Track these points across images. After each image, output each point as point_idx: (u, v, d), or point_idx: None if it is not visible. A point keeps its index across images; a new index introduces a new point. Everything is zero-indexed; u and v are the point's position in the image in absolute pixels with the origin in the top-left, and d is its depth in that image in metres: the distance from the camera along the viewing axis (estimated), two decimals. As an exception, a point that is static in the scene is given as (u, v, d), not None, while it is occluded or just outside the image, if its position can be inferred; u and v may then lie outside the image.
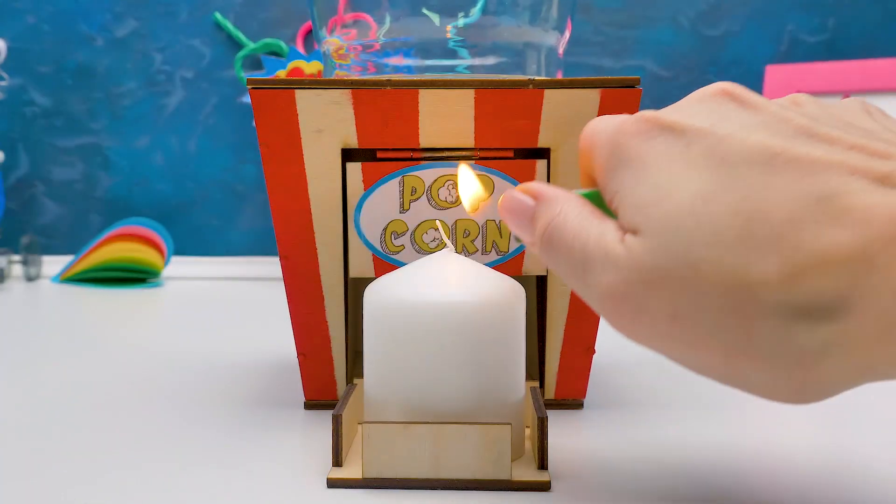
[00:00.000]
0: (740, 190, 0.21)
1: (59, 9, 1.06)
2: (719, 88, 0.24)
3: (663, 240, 0.22)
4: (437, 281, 0.30)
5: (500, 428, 0.27)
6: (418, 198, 0.36)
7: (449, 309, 0.29)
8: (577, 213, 0.25)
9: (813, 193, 0.20)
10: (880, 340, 0.19)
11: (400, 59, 0.38)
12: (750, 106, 0.23)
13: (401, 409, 0.29)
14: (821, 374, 0.20)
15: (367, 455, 0.28)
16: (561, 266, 0.25)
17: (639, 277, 0.22)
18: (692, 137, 0.22)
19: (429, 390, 0.29)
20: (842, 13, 0.99)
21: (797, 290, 0.20)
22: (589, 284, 0.24)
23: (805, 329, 0.20)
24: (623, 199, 0.23)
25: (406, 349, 0.29)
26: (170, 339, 0.58)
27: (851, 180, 0.20)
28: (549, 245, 0.25)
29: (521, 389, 0.31)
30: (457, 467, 0.27)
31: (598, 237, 0.24)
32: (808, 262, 0.20)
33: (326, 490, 0.28)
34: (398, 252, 0.37)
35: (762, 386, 0.22)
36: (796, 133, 0.21)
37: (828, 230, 0.19)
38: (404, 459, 0.28)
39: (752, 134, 0.22)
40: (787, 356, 0.20)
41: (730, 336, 0.21)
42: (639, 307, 0.22)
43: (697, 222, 0.21)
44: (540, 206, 0.26)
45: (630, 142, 0.24)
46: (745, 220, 0.20)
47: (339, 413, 0.29)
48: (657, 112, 0.24)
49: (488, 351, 0.29)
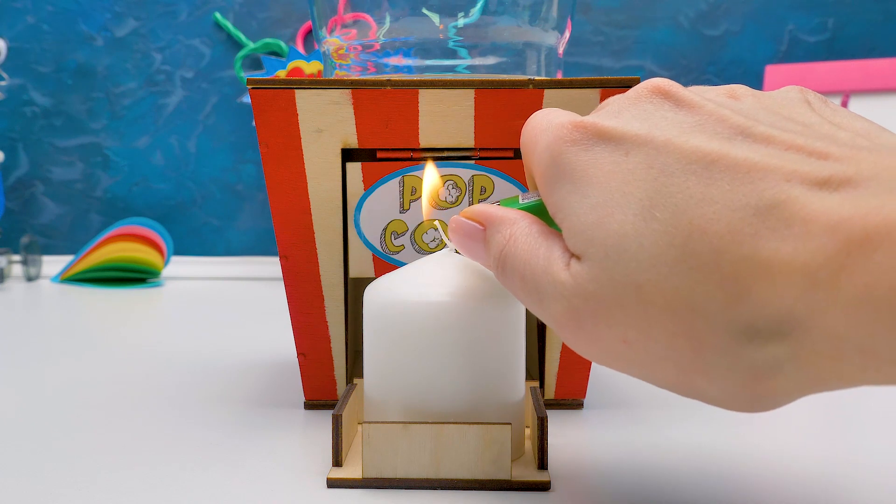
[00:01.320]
0: (679, 204, 0.20)
1: (59, 9, 1.06)
2: (653, 86, 0.23)
3: (606, 266, 0.21)
4: (437, 281, 0.30)
5: (499, 428, 0.27)
6: (418, 198, 0.36)
7: (448, 309, 0.29)
8: (525, 236, 0.25)
9: (751, 204, 0.19)
10: (832, 358, 0.18)
11: (400, 59, 0.38)
12: (685, 105, 0.22)
13: (401, 408, 0.29)
14: (775, 388, 0.20)
15: (367, 455, 0.28)
16: (517, 292, 0.25)
17: (586, 306, 0.22)
18: (630, 146, 0.22)
19: (429, 390, 0.29)
20: (842, 13, 0.99)
21: (742, 309, 0.19)
22: (543, 311, 0.23)
23: (755, 347, 0.19)
24: (565, 219, 0.23)
25: (406, 349, 0.29)
26: (170, 339, 0.58)
27: (790, 187, 0.19)
28: (503, 272, 0.25)
29: (521, 389, 0.31)
30: (457, 467, 0.27)
31: (546, 265, 0.23)
32: (751, 280, 0.19)
33: (326, 490, 0.28)
34: (398, 252, 0.37)
35: (718, 399, 0.21)
36: (733, 134, 0.21)
37: (767, 244, 0.19)
38: (404, 459, 0.28)
39: (689, 138, 0.21)
40: (740, 373, 0.20)
41: (682, 356, 0.21)
42: (591, 333, 0.22)
43: (639, 244, 0.21)
44: (490, 230, 0.26)
45: (568, 152, 0.23)
46: (684, 237, 0.20)
47: (339, 413, 0.29)
48: (595, 118, 0.23)
49: (488, 351, 0.29)
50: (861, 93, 0.88)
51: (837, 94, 0.88)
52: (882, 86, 0.87)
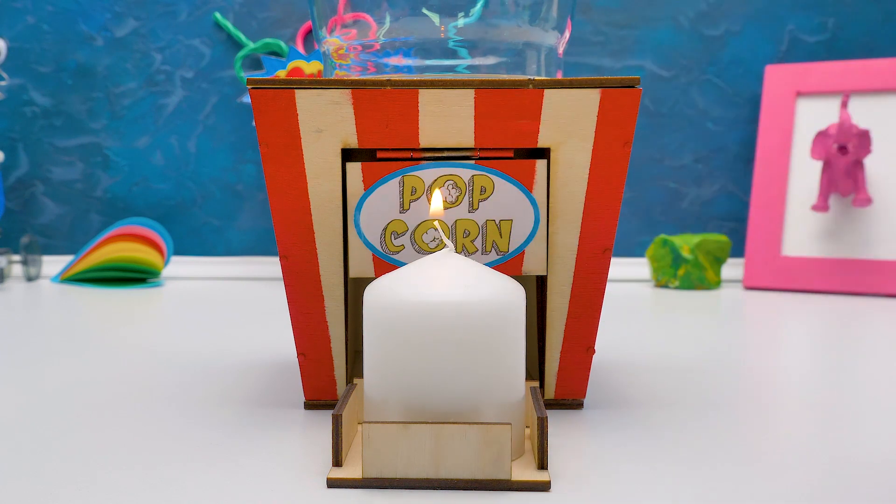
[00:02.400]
0: None
1: (59, 9, 1.06)
2: None
3: None
4: (436, 281, 0.30)
5: (500, 428, 0.27)
6: (418, 198, 0.36)
7: (448, 309, 0.29)
8: None
9: None
10: None
11: (400, 59, 0.38)
12: None
13: (400, 408, 0.29)
14: None
15: (368, 455, 0.28)
16: None
17: None
18: None
19: (428, 390, 0.29)
20: (842, 13, 0.99)
21: None
22: None
23: None
24: None
25: (406, 349, 0.29)
26: (170, 339, 0.58)
27: None
28: None
29: (520, 389, 0.31)
30: (456, 467, 0.27)
31: None
32: None
33: (326, 490, 0.28)
34: (398, 252, 0.37)
35: None
36: None
37: None
38: (404, 459, 0.28)
39: None
40: None
41: None
42: None
43: None
44: None
45: None
46: None
47: (339, 413, 0.29)
48: None
49: (488, 351, 0.29)
50: (861, 93, 0.88)
51: (837, 94, 0.88)
52: (882, 86, 0.87)
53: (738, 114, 0.99)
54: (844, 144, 0.82)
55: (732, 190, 0.99)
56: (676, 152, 1.00)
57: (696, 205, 1.00)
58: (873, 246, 0.83)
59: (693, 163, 1.00)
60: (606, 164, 0.36)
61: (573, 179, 0.36)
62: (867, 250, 0.84)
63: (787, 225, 0.88)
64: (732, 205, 0.99)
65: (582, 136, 0.36)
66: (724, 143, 0.99)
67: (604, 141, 0.36)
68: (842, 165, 0.82)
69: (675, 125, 1.00)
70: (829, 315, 0.72)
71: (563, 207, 0.37)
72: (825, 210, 0.84)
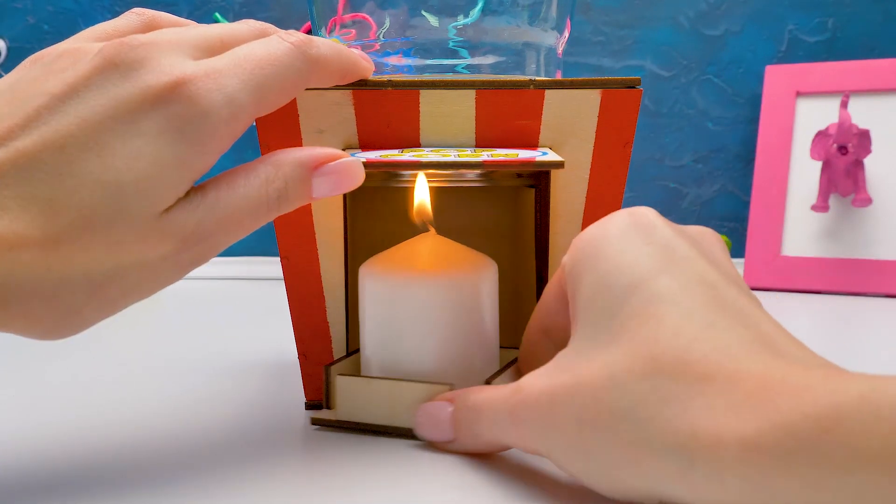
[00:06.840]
0: None
1: (59, 9, 1.06)
2: None
3: None
4: (418, 259, 0.34)
5: (440, 387, 0.32)
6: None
7: (426, 283, 0.33)
8: None
9: None
10: None
11: (400, 59, 0.38)
12: None
13: (380, 367, 0.34)
14: None
15: (339, 401, 0.34)
16: None
17: None
18: None
19: (405, 353, 0.33)
20: (842, 13, 0.99)
21: None
22: None
23: None
24: None
25: (388, 318, 0.34)
26: (170, 339, 0.58)
27: None
28: None
29: (494, 357, 0.35)
30: (409, 418, 0.32)
31: None
32: None
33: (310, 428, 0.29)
34: (398, 252, 0.37)
35: None
36: None
37: None
38: (367, 407, 0.33)
39: None
40: None
41: None
42: None
43: None
44: None
45: None
46: None
47: (329, 365, 0.35)
48: None
49: (459, 320, 0.33)
50: (861, 93, 0.88)
51: (837, 94, 0.88)
52: (882, 86, 0.87)
53: (738, 114, 0.99)
54: (844, 144, 0.82)
55: (732, 190, 0.99)
56: (676, 152, 1.00)
57: (696, 205, 1.00)
58: (873, 246, 0.83)
59: (693, 163, 1.00)
60: (607, 164, 0.36)
61: (573, 180, 0.36)
62: (867, 250, 0.84)
63: (787, 225, 0.88)
64: (732, 205, 0.99)
65: (582, 137, 0.36)
66: (724, 142, 0.99)
67: (604, 141, 0.36)
68: (842, 165, 0.82)
69: (675, 125, 1.00)
70: (830, 315, 0.72)
71: (563, 208, 0.37)
72: (825, 210, 0.84)
